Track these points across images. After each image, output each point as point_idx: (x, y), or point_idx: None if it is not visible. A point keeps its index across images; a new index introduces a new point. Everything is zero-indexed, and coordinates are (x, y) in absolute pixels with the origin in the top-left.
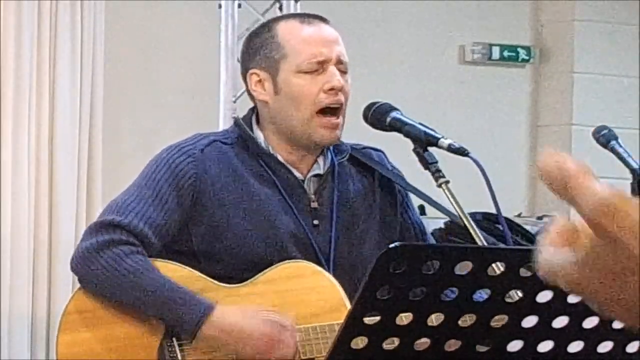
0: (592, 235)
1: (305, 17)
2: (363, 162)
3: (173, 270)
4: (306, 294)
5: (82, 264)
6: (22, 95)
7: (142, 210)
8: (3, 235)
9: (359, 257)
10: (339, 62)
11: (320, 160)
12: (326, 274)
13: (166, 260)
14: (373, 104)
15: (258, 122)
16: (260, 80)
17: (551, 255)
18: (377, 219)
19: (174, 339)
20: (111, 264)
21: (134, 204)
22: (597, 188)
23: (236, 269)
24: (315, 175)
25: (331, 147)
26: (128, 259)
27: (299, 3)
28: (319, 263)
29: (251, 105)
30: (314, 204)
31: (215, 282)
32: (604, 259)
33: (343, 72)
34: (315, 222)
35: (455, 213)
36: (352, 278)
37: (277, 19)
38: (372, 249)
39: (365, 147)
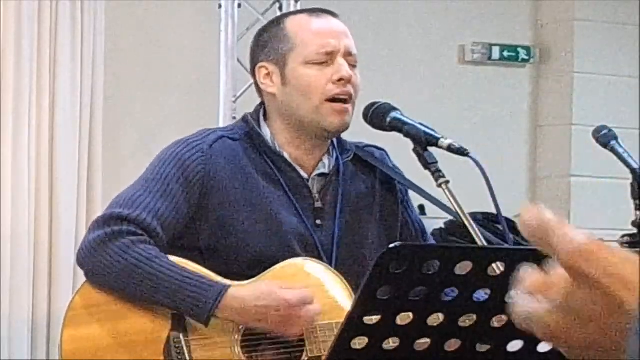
0: (567, 280)
1: (314, 11)
2: (365, 160)
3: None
4: (313, 292)
5: (90, 256)
6: (22, 95)
7: (150, 204)
8: (3, 235)
9: (360, 256)
10: (348, 55)
11: (326, 159)
12: (332, 271)
13: (172, 256)
14: (373, 104)
15: (265, 118)
16: (268, 73)
17: (526, 303)
18: (378, 218)
19: (180, 334)
20: (119, 254)
21: (142, 198)
22: (575, 234)
23: (240, 266)
24: (320, 175)
25: (336, 146)
26: (136, 247)
27: (299, 3)
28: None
29: (256, 103)
30: (318, 204)
31: (222, 278)
32: (581, 302)
33: (352, 66)
34: (318, 221)
35: (456, 212)
36: (354, 277)
37: (286, 14)
38: (373, 248)
39: (367, 146)
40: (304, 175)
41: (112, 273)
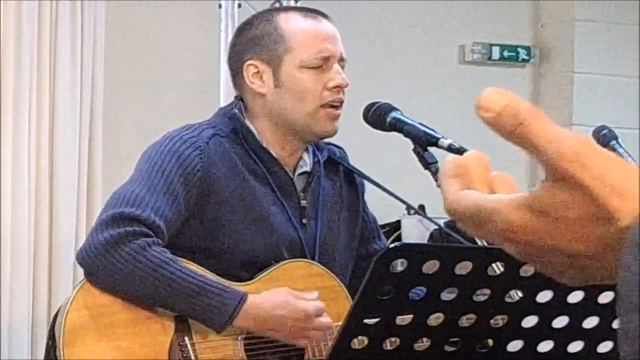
0: (546, 183)
1: (305, 11)
2: (332, 159)
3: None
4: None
5: (99, 257)
6: (22, 95)
7: (156, 204)
8: (3, 235)
9: (335, 256)
10: (341, 59)
11: (306, 157)
12: (330, 274)
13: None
14: (373, 104)
15: (245, 115)
16: (258, 72)
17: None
18: (346, 216)
19: (185, 337)
20: (134, 256)
21: (148, 197)
22: (562, 133)
23: (230, 266)
24: (302, 173)
25: (313, 144)
26: (151, 250)
27: (298, 2)
28: None
29: None
30: (303, 202)
31: (223, 279)
32: (558, 204)
33: (342, 69)
34: (304, 220)
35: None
36: None
37: (274, 11)
38: (343, 247)
39: (328, 144)
40: (290, 173)
41: (123, 275)
